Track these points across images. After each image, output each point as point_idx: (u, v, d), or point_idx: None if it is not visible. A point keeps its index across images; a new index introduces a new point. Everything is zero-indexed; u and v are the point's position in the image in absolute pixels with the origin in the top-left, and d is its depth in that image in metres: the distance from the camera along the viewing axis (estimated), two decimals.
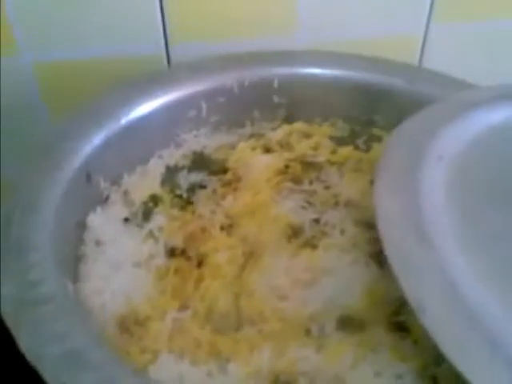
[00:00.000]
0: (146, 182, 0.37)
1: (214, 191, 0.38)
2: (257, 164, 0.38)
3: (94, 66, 0.46)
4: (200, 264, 0.34)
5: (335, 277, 0.32)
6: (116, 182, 0.38)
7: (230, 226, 0.35)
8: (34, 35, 0.43)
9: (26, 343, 0.24)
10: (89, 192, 0.36)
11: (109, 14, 0.44)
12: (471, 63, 0.47)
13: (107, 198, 0.38)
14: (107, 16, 0.44)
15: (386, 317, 0.31)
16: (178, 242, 0.35)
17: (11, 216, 0.30)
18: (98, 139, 0.36)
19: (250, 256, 0.33)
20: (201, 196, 0.37)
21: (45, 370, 0.23)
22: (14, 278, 0.27)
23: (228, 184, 0.37)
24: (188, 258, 0.34)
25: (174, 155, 0.41)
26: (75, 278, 0.33)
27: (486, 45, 0.49)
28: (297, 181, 0.37)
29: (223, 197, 0.36)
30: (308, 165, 0.38)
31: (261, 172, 0.37)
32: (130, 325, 0.31)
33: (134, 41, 0.45)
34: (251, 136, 0.42)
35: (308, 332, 0.30)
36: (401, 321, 0.30)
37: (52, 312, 0.26)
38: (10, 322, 0.25)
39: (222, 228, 0.35)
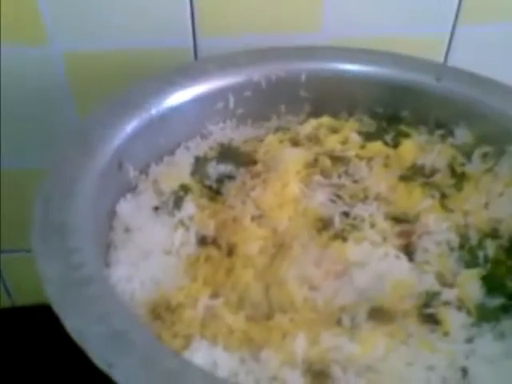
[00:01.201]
0: (175, 171, 0.38)
1: (244, 182, 0.38)
2: (286, 156, 0.38)
3: (122, 58, 0.46)
4: (230, 253, 0.34)
5: (366, 269, 0.32)
6: (144, 171, 0.39)
7: (260, 217, 0.35)
8: (64, 25, 0.44)
9: (71, 323, 0.25)
10: (119, 180, 0.36)
11: (138, 5, 0.44)
12: (497, 64, 0.47)
13: (136, 187, 0.38)
14: (137, 8, 0.44)
15: (416, 309, 0.31)
16: (208, 230, 0.35)
17: (49, 202, 0.30)
18: (129, 128, 0.37)
19: (281, 247, 0.34)
20: (230, 187, 0.37)
21: (91, 349, 0.24)
22: (56, 260, 0.27)
23: (257, 175, 0.37)
24: (219, 247, 0.34)
25: (201, 146, 0.41)
26: (105, 264, 0.33)
27: None
28: (326, 174, 0.37)
29: (253, 188, 0.37)
30: (337, 159, 0.38)
31: (290, 164, 0.37)
32: (162, 311, 0.31)
33: (162, 33, 0.45)
34: (277, 129, 0.42)
35: (339, 322, 0.31)
36: (431, 313, 0.31)
37: (94, 294, 0.26)
38: (54, 303, 0.25)
39: (252, 219, 0.35)
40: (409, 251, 0.34)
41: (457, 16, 0.48)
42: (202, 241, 0.34)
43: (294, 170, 0.37)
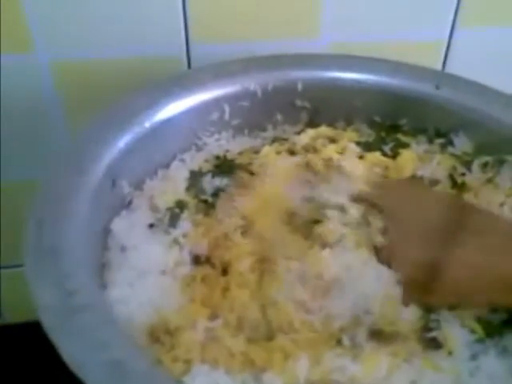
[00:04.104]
0: (170, 187, 0.37)
1: (231, 193, 0.37)
2: (276, 163, 0.37)
3: (112, 67, 0.45)
4: (225, 272, 0.33)
5: (348, 288, 0.31)
6: (139, 186, 0.38)
7: (246, 226, 0.34)
8: (51, 33, 0.42)
9: (68, 352, 0.24)
10: (113, 197, 0.35)
11: (129, 13, 0.43)
12: (496, 69, 0.46)
13: (130, 203, 0.37)
14: (127, 15, 0.43)
15: (415, 332, 0.31)
16: (202, 249, 0.34)
17: (42, 225, 0.29)
18: (122, 143, 0.36)
19: (267, 263, 0.33)
20: (220, 200, 0.37)
21: (89, 379, 0.23)
22: (50, 287, 0.26)
23: (243, 185, 0.37)
24: (213, 266, 0.34)
25: (196, 159, 0.40)
26: (101, 285, 0.33)
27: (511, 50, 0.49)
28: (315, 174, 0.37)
29: (238, 197, 0.36)
30: (333, 168, 0.38)
31: (279, 169, 0.37)
32: (161, 334, 0.30)
33: (153, 41, 0.44)
34: (274, 140, 0.42)
35: (340, 341, 0.30)
36: (432, 337, 0.30)
37: (91, 321, 0.26)
38: (50, 332, 0.24)
39: (241, 232, 0.34)
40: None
41: (455, 20, 0.47)
42: (196, 260, 0.34)
43: (282, 174, 0.36)
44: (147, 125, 0.37)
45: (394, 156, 0.39)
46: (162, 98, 0.38)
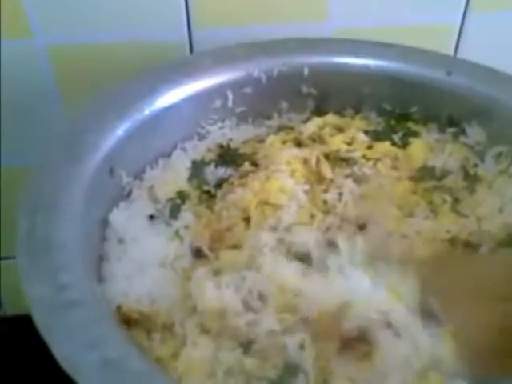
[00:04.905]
0: (171, 177, 0.35)
1: (232, 184, 0.35)
2: (281, 155, 0.35)
3: (111, 51, 0.43)
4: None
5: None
6: (138, 176, 0.36)
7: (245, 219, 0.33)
8: (49, 17, 0.41)
9: (61, 351, 0.23)
10: (111, 187, 0.34)
11: None
12: (509, 54, 0.44)
13: (129, 193, 0.36)
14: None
15: None
16: (203, 242, 0.33)
17: (35, 215, 0.28)
18: (121, 131, 0.34)
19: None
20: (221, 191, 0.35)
21: (82, 380, 0.22)
22: (42, 281, 0.25)
23: (245, 175, 0.35)
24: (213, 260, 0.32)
25: (198, 148, 0.39)
26: (99, 277, 0.32)
27: None
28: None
29: (240, 187, 0.34)
30: (341, 160, 0.36)
31: (283, 164, 0.35)
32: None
33: (154, 24, 0.42)
34: (279, 129, 0.40)
35: None
36: None
37: (85, 317, 0.24)
38: (42, 329, 0.23)
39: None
40: None
41: (467, 3, 0.45)
42: (197, 253, 0.32)
43: (286, 168, 0.34)
44: (147, 112, 0.36)
45: (404, 145, 0.38)
46: (163, 83, 0.37)
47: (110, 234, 0.33)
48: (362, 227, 0.33)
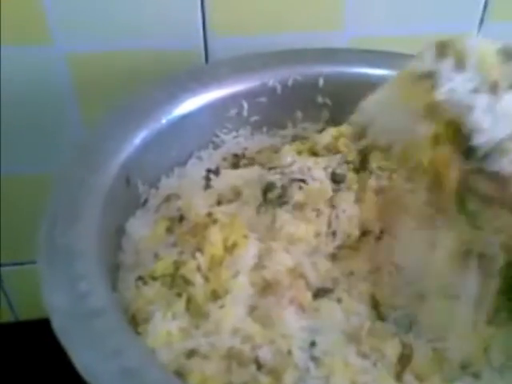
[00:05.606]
0: (188, 186, 0.35)
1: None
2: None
3: (128, 60, 0.43)
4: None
5: None
6: (154, 184, 0.37)
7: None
8: (68, 25, 0.41)
9: (81, 359, 0.23)
10: (128, 196, 0.34)
11: (145, 5, 0.41)
12: None
13: (145, 202, 0.36)
14: (144, 7, 0.41)
15: None
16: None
17: (54, 225, 0.28)
18: (138, 140, 0.34)
19: None
20: None
21: None
22: (63, 290, 0.26)
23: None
24: None
25: (213, 157, 0.39)
26: (114, 286, 0.32)
27: None
28: None
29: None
30: (357, 171, 0.36)
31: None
32: None
33: (171, 34, 0.42)
34: (294, 139, 0.40)
35: None
36: None
37: (104, 326, 0.25)
38: (62, 337, 0.24)
39: None
40: None
41: (484, 12, 0.45)
42: None
43: None
44: (164, 120, 0.36)
45: None
46: (179, 92, 0.37)
47: (125, 243, 0.34)
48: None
